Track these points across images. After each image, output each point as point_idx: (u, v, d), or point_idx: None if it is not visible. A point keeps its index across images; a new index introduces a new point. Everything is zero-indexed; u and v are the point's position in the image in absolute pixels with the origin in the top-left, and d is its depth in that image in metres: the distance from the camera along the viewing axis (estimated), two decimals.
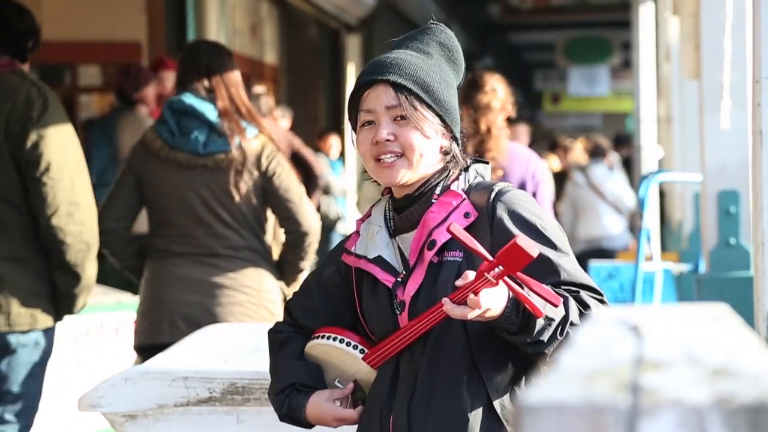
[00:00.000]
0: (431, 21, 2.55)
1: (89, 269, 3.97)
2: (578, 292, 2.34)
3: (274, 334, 2.64)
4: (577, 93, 23.63)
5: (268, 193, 4.39)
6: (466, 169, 2.49)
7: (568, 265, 2.37)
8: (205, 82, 4.40)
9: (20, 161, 3.85)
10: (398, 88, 2.40)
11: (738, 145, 4.68)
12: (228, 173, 4.34)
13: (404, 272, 2.43)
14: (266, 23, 12.89)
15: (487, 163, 2.56)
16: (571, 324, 2.28)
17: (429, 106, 2.41)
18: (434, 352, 2.40)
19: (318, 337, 2.55)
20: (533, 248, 2.16)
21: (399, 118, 2.40)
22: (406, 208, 2.46)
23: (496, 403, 2.37)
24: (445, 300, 2.26)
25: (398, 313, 2.43)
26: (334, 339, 2.52)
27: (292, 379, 2.54)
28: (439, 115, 2.43)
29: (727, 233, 4.79)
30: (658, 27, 11.18)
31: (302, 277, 4.42)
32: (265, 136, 4.42)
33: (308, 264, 4.53)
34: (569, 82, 23.41)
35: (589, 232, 10.72)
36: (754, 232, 3.23)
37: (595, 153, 11.27)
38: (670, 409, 0.96)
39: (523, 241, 2.17)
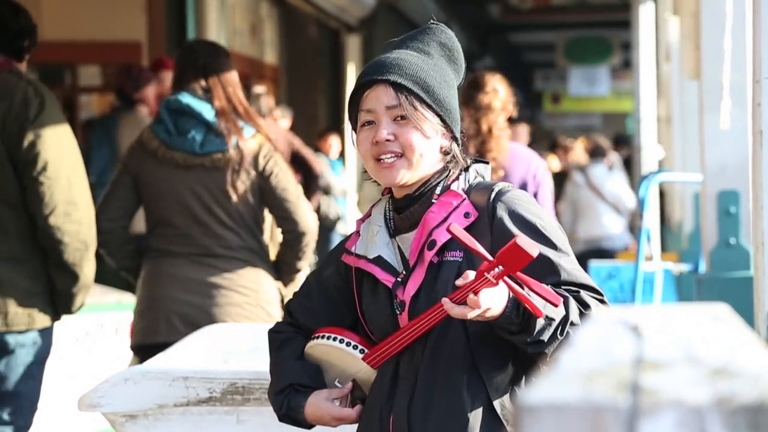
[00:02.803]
0: (431, 21, 2.54)
1: (87, 268, 3.95)
2: (578, 291, 2.34)
3: (275, 334, 2.64)
4: (578, 93, 23.63)
5: (265, 192, 4.37)
6: (467, 169, 2.49)
7: (568, 265, 2.36)
8: (203, 82, 4.38)
9: (17, 161, 3.83)
10: (398, 88, 2.40)
11: (738, 145, 4.67)
12: (225, 173, 4.32)
13: (404, 272, 2.43)
14: (266, 23, 12.88)
15: (488, 162, 2.56)
16: (572, 324, 2.28)
17: (429, 106, 2.41)
18: (434, 352, 2.40)
19: (318, 337, 2.55)
20: (533, 248, 2.16)
21: (399, 118, 2.40)
22: (406, 208, 2.46)
23: (496, 403, 2.37)
24: (445, 300, 2.26)
25: (398, 313, 2.43)
26: (334, 339, 2.52)
27: (291, 380, 2.54)
28: (439, 115, 2.43)
29: (727, 233, 4.79)
30: (658, 27, 11.18)
31: (300, 277, 4.40)
32: (262, 136, 4.40)
33: (305, 264, 4.52)
34: (569, 82, 23.41)
35: (589, 233, 10.73)
36: (754, 232, 3.23)
37: (595, 153, 11.28)
38: (670, 409, 0.96)
39: (523, 241, 2.16)
